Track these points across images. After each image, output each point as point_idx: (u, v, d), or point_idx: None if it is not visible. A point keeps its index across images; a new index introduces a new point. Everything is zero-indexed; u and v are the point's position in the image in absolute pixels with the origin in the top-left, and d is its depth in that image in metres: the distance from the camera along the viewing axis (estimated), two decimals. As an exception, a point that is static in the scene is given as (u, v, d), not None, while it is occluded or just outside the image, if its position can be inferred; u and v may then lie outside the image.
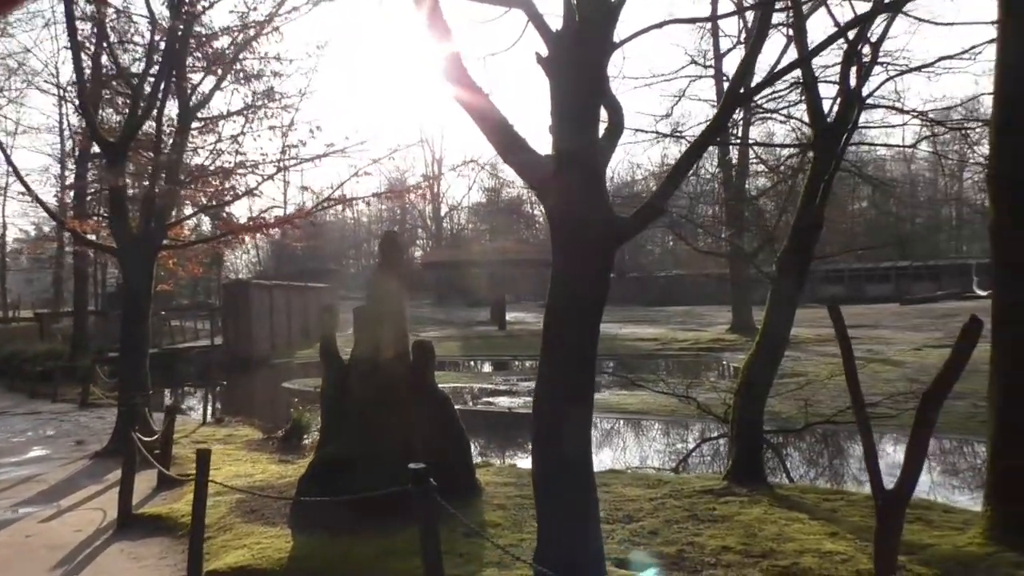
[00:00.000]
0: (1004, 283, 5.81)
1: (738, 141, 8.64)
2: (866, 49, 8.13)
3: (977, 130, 8.51)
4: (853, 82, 8.00)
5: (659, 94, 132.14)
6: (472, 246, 66.57)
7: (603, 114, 4.73)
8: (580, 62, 4.41)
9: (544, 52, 4.49)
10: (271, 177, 12.35)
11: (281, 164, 12.02)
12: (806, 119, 8.91)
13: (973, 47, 7.45)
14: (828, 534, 6.11)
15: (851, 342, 3.87)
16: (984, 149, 8.76)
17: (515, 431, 13.51)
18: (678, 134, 9.89)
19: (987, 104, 6.92)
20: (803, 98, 8.87)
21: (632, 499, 7.54)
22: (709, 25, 28.65)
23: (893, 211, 66.99)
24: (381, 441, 6.99)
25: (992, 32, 6.07)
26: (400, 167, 68.21)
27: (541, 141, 4.73)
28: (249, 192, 12.17)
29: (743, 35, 23.67)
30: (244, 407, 17.58)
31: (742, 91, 5.75)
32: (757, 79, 7.89)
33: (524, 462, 9.82)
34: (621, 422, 13.96)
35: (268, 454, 10.90)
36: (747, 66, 5.01)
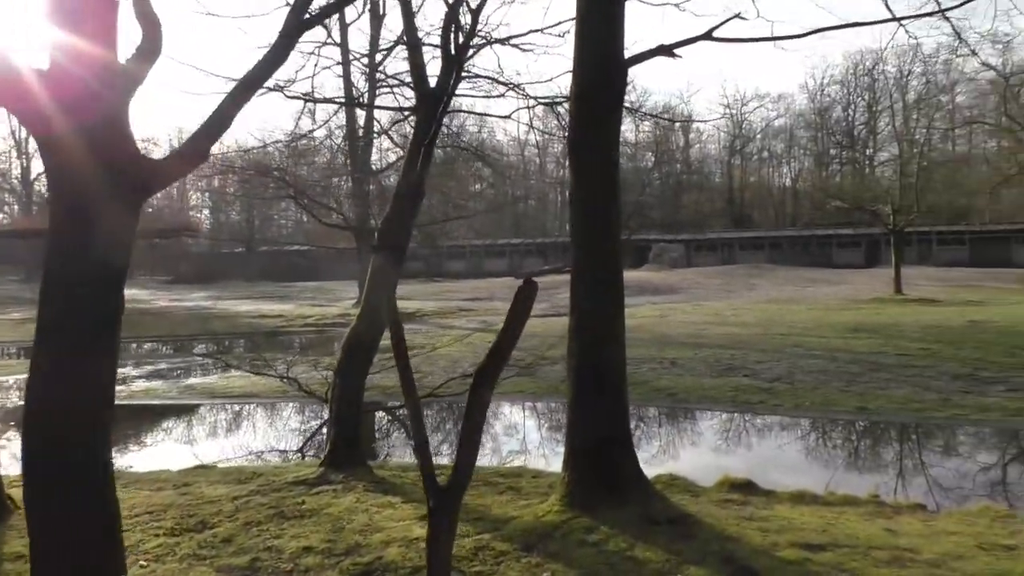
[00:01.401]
0: (577, 258, 5.88)
1: (342, 101, 8.00)
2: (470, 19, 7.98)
3: (565, 105, 8.90)
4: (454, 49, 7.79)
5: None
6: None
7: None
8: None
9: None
10: None
11: None
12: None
13: (560, 23, 7.60)
14: (418, 518, 5.73)
15: (402, 329, 3.32)
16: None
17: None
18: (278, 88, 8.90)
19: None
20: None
21: (213, 500, 6.51)
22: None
23: (509, 193, 72.66)
24: None
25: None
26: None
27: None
28: None
29: None
30: None
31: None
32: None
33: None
34: (228, 407, 12.65)
35: None
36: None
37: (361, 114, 26.57)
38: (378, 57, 21.16)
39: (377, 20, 23.40)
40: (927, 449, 8.75)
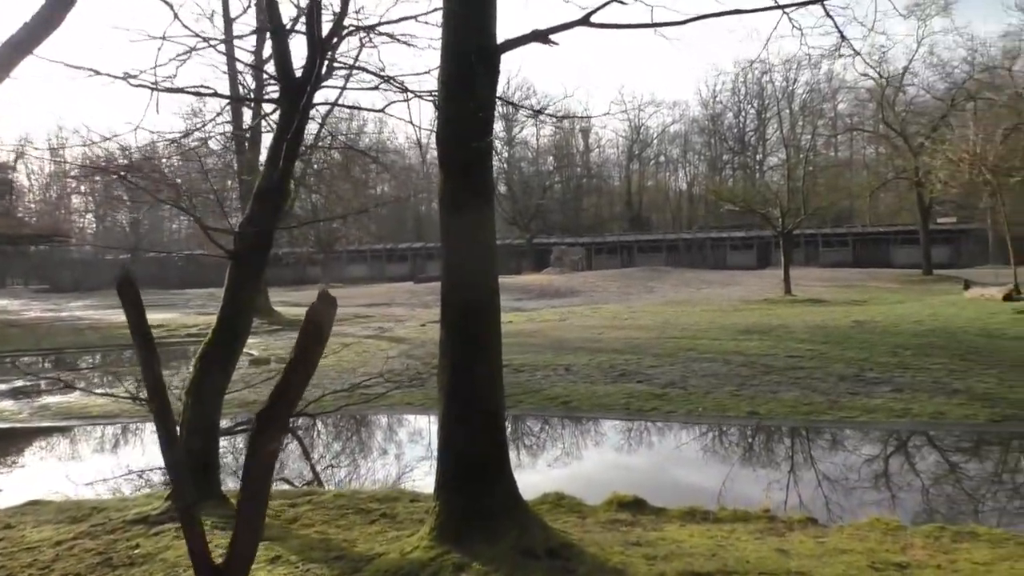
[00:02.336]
0: (448, 263, 5.33)
1: (195, 91, 7.22)
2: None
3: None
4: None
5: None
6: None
7: None
8: None
9: None
10: None
11: None
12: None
13: (436, 9, 7.05)
14: (268, 560, 5.04)
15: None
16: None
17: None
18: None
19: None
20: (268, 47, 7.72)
21: (32, 546, 5.62)
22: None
23: (412, 197, 71.61)
24: None
25: None
26: None
27: None
28: None
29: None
30: None
31: None
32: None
33: None
34: (84, 431, 11.43)
35: None
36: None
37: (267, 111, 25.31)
38: (267, 51, 20.09)
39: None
40: (817, 455, 8.61)
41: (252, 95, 22.88)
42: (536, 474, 8.50)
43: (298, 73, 7.35)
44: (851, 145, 68.43)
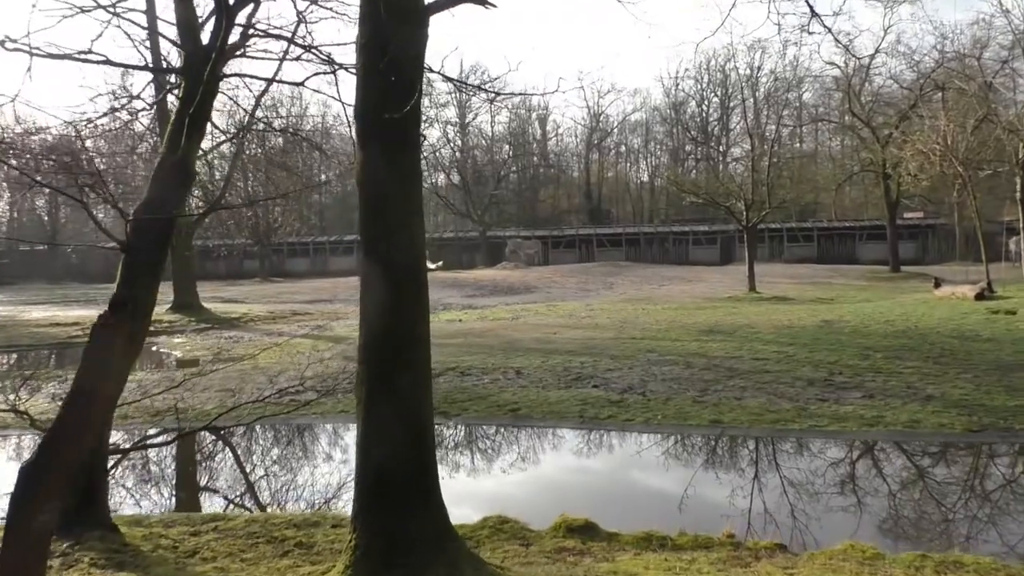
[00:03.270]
0: (368, 256, 4.87)
1: (77, 56, 6.62)
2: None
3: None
4: None
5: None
6: None
7: None
8: None
9: None
10: None
11: None
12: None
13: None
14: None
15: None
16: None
17: None
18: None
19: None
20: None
21: None
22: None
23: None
24: None
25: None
26: None
27: None
28: None
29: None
30: None
31: None
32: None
33: None
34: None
35: None
36: None
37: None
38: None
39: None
40: (785, 469, 8.28)
41: (155, 65, 21.84)
42: (477, 493, 8.05)
43: (206, 40, 6.79)
44: (816, 137, 69.35)
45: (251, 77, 9.31)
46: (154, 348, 20.40)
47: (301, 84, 7.69)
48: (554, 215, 76.86)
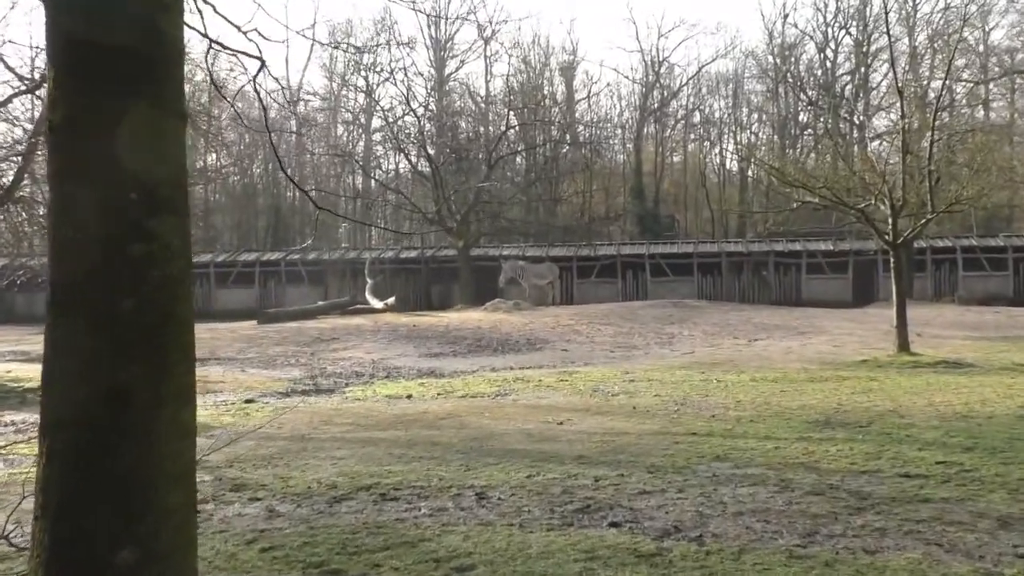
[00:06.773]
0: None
1: None
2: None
3: None
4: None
5: None
6: None
7: None
8: None
9: None
10: None
11: None
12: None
13: None
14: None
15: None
16: None
17: None
18: None
19: None
20: None
21: None
22: None
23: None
24: None
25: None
26: None
27: None
28: None
29: None
30: None
31: None
32: None
33: None
34: None
35: None
36: None
37: None
38: None
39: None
40: None
41: None
42: None
43: None
44: (1012, 100, 68.93)
45: None
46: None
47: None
48: (582, 223, 76.50)
